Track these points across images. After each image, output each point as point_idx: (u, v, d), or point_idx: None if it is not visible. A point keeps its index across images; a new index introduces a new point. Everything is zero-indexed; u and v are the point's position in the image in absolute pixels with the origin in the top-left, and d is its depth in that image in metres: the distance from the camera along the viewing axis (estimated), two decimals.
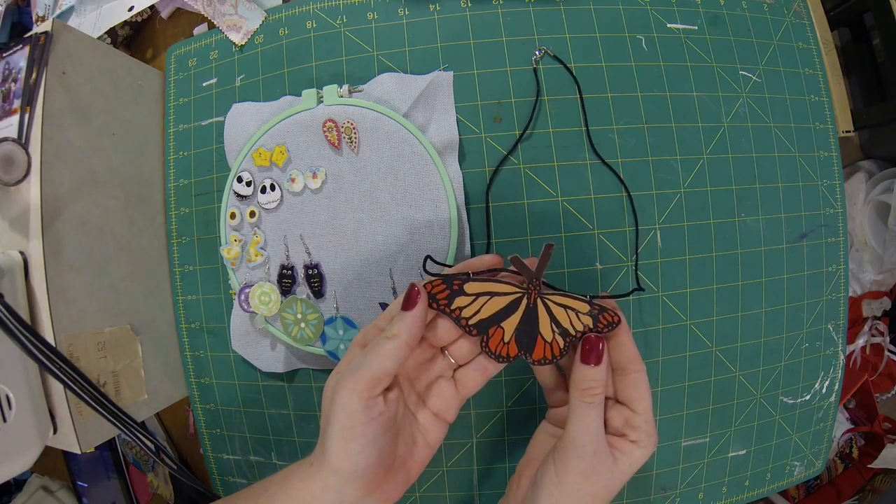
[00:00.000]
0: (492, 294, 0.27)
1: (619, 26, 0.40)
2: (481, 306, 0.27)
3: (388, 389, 0.26)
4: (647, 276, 0.39)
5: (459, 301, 0.27)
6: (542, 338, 0.28)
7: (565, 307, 0.27)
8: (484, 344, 0.28)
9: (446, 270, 0.29)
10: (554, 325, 0.27)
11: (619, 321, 0.26)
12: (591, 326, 0.27)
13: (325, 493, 0.25)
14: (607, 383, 0.27)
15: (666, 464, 0.41)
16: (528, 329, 0.28)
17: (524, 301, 0.27)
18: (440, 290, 0.27)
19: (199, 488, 0.45)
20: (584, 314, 0.27)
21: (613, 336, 0.27)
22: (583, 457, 0.25)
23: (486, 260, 0.28)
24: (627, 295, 0.31)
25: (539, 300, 0.27)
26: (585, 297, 0.27)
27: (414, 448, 0.29)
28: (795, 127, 0.42)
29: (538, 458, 0.30)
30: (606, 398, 0.28)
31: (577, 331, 0.27)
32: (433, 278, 0.27)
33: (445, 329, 0.28)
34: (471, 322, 0.27)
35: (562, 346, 0.28)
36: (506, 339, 0.28)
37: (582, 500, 0.26)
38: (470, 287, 0.27)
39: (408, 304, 0.26)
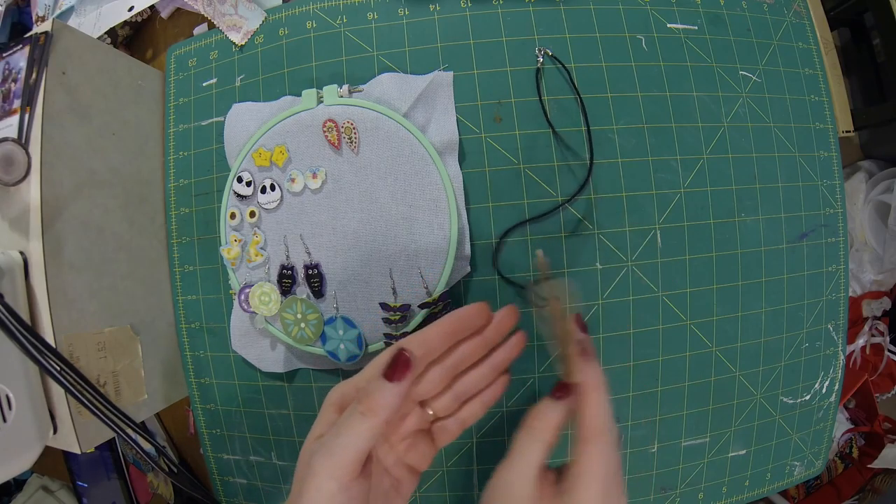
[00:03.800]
0: None
1: (619, 26, 0.40)
2: None
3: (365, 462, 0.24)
4: (647, 276, 0.39)
5: None
6: None
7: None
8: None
9: (422, 335, 0.26)
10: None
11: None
12: None
13: None
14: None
15: (666, 464, 0.41)
16: None
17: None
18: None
19: (195, 495, 0.45)
20: None
21: (580, 390, 0.25)
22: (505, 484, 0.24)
23: (472, 310, 0.26)
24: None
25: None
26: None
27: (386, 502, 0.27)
28: (795, 127, 0.42)
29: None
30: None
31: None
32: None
33: (430, 383, 0.26)
34: None
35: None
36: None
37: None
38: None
39: (395, 373, 0.23)
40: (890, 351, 0.54)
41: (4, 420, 0.32)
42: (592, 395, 0.25)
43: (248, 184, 0.39)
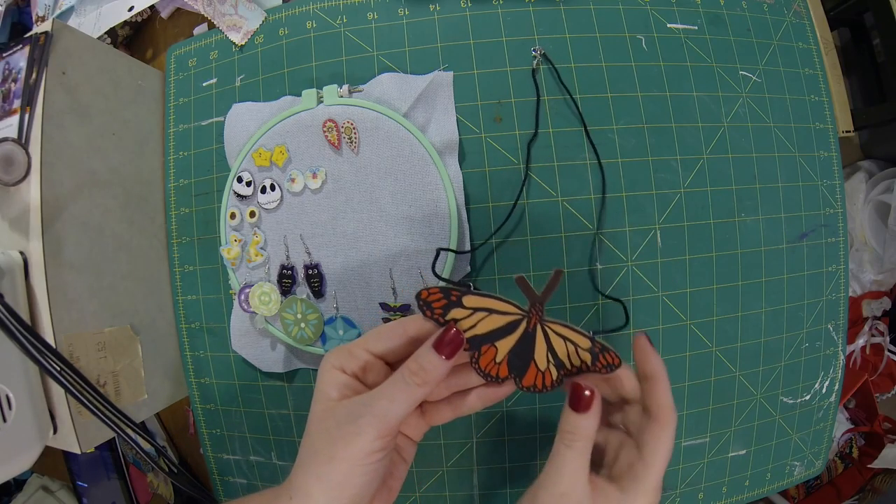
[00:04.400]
0: (490, 311, 0.26)
1: (619, 26, 0.40)
2: (477, 322, 0.26)
3: None
4: (647, 276, 0.39)
5: (455, 313, 0.25)
6: (536, 365, 0.26)
7: (565, 338, 0.26)
8: (474, 360, 0.27)
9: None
10: (550, 355, 0.26)
11: (619, 364, 0.25)
12: (590, 364, 0.26)
13: None
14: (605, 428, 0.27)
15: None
16: (523, 353, 0.26)
17: (523, 324, 0.26)
18: (437, 300, 0.25)
19: (194, 494, 0.45)
20: (583, 349, 0.25)
21: (648, 379, 0.26)
22: (552, 495, 0.24)
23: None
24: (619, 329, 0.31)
25: (539, 326, 0.26)
26: (588, 332, 0.25)
27: (393, 467, 0.29)
28: (795, 127, 0.42)
29: None
30: (628, 430, 0.27)
31: (573, 365, 0.26)
32: (432, 287, 0.26)
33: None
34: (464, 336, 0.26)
35: (554, 378, 0.27)
36: (497, 360, 0.26)
37: None
38: (468, 301, 0.25)
39: (448, 349, 0.25)
40: (890, 351, 0.54)
41: (4, 420, 0.32)
42: (662, 379, 0.26)
43: (248, 184, 0.39)
